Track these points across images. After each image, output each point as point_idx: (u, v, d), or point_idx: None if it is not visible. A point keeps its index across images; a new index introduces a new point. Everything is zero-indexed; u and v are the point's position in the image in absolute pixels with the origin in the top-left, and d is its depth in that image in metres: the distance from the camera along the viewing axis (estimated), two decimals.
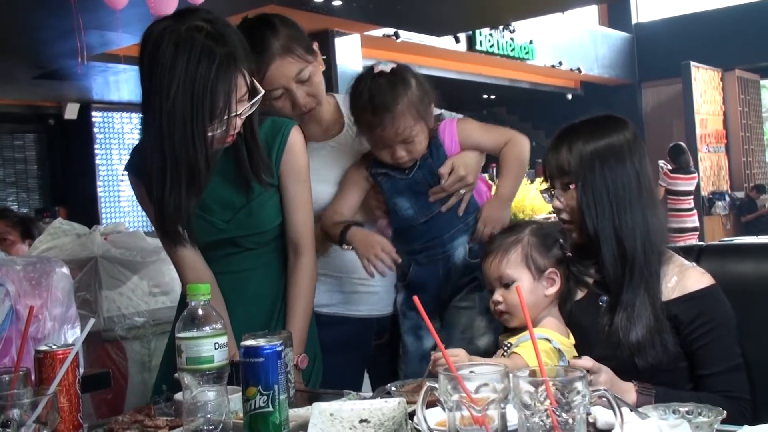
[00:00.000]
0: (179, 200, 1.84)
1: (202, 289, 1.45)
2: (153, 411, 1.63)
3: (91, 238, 3.60)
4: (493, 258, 1.89)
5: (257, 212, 2.02)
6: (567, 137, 1.88)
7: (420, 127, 2.11)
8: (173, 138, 1.77)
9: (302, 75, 2.13)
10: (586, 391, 1.15)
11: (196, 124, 1.76)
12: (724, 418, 1.33)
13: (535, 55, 12.72)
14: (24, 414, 1.28)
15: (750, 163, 14.60)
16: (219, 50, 1.76)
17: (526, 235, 1.89)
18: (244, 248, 2.06)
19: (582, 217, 1.83)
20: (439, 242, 2.19)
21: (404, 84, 2.09)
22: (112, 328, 3.51)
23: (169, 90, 1.74)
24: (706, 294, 1.78)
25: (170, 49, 1.75)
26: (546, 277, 1.87)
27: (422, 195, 2.19)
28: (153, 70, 1.77)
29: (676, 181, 8.85)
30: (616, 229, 1.80)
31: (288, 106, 2.16)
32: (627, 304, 1.77)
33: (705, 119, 13.28)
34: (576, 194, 1.84)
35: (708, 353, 1.76)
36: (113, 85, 11.07)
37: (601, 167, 1.82)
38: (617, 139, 1.85)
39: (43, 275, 2.34)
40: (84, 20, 6.48)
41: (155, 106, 1.77)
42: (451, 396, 1.19)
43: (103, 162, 12.37)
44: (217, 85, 1.75)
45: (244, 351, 1.37)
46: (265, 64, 2.08)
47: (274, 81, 2.10)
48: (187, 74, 1.74)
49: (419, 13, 8.60)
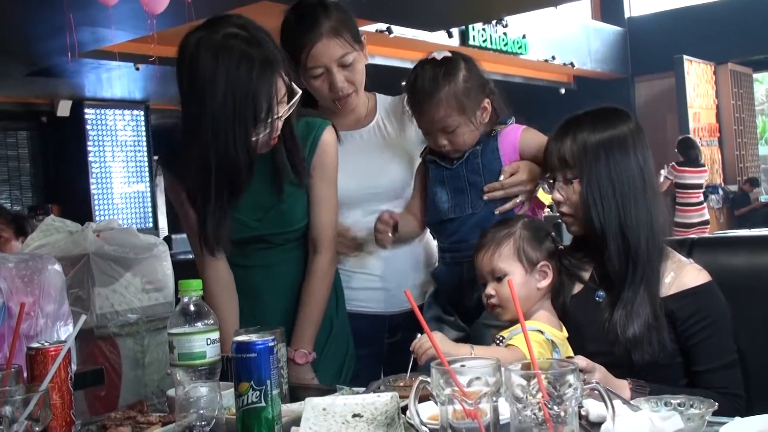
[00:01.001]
0: (222, 204, 1.89)
1: (194, 284, 1.45)
2: (146, 407, 1.63)
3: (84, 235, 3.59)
4: (485, 251, 1.89)
5: (287, 212, 2.05)
6: (571, 128, 1.86)
7: (462, 119, 2.08)
8: (218, 145, 1.81)
9: (345, 59, 2.18)
10: (578, 384, 1.15)
11: (239, 129, 1.80)
12: (716, 410, 1.33)
13: (528, 50, 12.71)
14: (16, 411, 1.27)
15: (743, 156, 14.62)
16: (257, 55, 1.79)
17: (518, 228, 1.89)
18: (275, 244, 2.10)
19: (587, 212, 1.81)
20: (466, 245, 2.12)
21: (449, 74, 2.08)
22: (105, 324, 3.50)
23: (212, 99, 1.77)
24: (703, 291, 1.78)
25: (209, 58, 1.78)
26: (538, 270, 1.87)
27: (460, 191, 2.16)
28: (194, 81, 1.81)
29: (683, 174, 8.76)
30: (622, 225, 1.79)
31: (325, 87, 2.21)
32: (627, 300, 1.77)
33: (698, 113, 13.31)
34: (581, 188, 1.82)
35: (703, 350, 1.76)
36: (106, 81, 11.04)
37: (606, 159, 1.80)
38: (621, 131, 1.83)
39: (35, 272, 2.33)
40: (76, 17, 6.46)
41: (198, 115, 1.80)
42: (444, 390, 1.19)
43: (96, 159, 12.33)
44: (259, 89, 1.79)
45: (236, 347, 1.37)
46: (312, 41, 2.13)
47: (318, 59, 2.15)
48: (228, 81, 1.77)
49: (412, 8, 8.59)
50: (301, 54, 2.14)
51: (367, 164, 2.30)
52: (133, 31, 7.82)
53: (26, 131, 12.42)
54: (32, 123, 12.31)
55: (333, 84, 2.19)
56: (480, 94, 2.11)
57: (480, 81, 2.13)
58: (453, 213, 2.16)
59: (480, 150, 2.14)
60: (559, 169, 1.86)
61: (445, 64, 2.10)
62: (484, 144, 2.15)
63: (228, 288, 2.07)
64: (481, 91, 2.12)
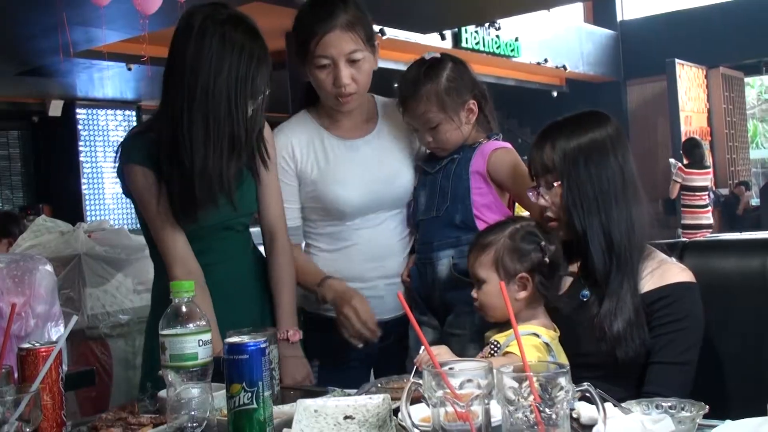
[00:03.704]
0: (220, 165, 1.97)
1: (185, 286, 1.45)
2: (137, 408, 1.63)
3: (75, 236, 3.59)
4: (471, 255, 1.91)
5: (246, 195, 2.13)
6: (550, 134, 1.89)
7: (443, 116, 2.14)
8: (218, 113, 1.94)
9: (354, 55, 2.15)
10: (570, 386, 1.16)
11: (240, 101, 1.96)
12: (706, 412, 1.34)
13: (521, 53, 12.75)
14: (6, 412, 1.27)
15: (734, 160, 14.69)
16: (257, 43, 1.98)
17: (503, 237, 1.87)
18: (236, 230, 2.17)
19: (569, 214, 1.84)
20: (429, 247, 2.19)
21: (432, 72, 2.15)
22: (96, 325, 3.50)
23: (217, 73, 1.93)
24: (681, 288, 1.80)
25: (217, 39, 1.94)
26: (516, 280, 1.85)
27: (433, 195, 2.21)
28: (199, 53, 1.94)
29: (692, 176, 8.55)
30: (603, 225, 1.81)
31: (329, 80, 2.17)
32: (611, 298, 1.79)
33: (689, 116, 13.36)
34: (561, 191, 1.85)
35: (661, 342, 1.77)
36: (98, 81, 11.03)
37: (585, 163, 1.83)
38: (599, 135, 1.86)
39: (26, 273, 2.33)
40: (68, 16, 6.45)
41: (199, 85, 1.94)
42: (436, 392, 1.19)
43: (87, 159, 12.31)
44: (258, 70, 1.97)
45: (228, 348, 1.36)
46: (325, 30, 2.12)
47: (327, 49, 2.13)
48: (232, 60, 1.94)
49: (405, 10, 8.61)
50: (311, 41, 2.13)
51: (376, 173, 2.28)
52: (125, 32, 7.82)
53: (17, 131, 12.39)
54: (23, 122, 12.28)
55: (337, 78, 2.16)
56: (465, 94, 2.16)
57: (467, 82, 2.17)
58: (423, 215, 2.23)
59: (458, 158, 2.20)
60: (542, 175, 1.90)
61: (432, 64, 2.18)
62: (463, 153, 2.20)
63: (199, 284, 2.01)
64: (468, 91, 2.17)
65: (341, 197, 2.24)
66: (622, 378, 1.76)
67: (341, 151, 2.28)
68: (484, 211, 2.17)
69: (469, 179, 2.17)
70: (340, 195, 2.24)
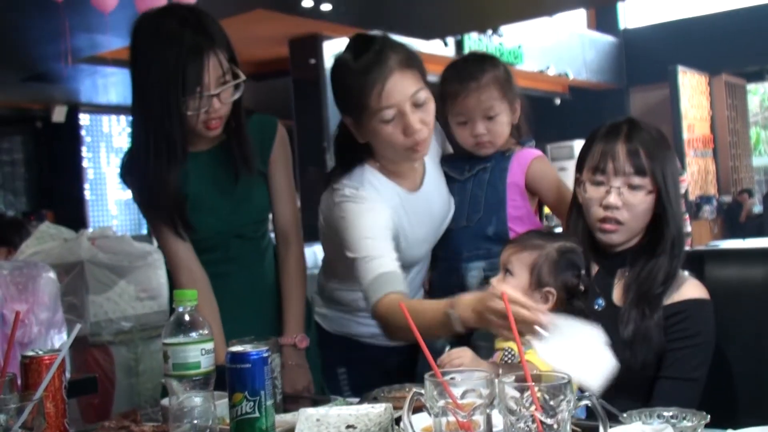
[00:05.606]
0: (159, 170, 1.91)
1: (188, 294, 1.45)
2: (139, 416, 1.63)
3: (78, 243, 3.59)
4: (513, 247, 1.85)
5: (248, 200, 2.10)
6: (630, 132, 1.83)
7: (503, 106, 2.12)
8: (152, 113, 1.89)
9: (418, 96, 1.89)
10: (571, 396, 1.16)
11: (171, 97, 1.85)
12: (708, 422, 1.34)
13: (524, 60, 12.76)
14: (10, 419, 1.27)
15: (737, 167, 14.69)
16: (190, 32, 1.86)
17: (550, 248, 1.82)
18: (247, 238, 2.13)
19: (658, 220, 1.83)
20: (458, 257, 2.12)
21: (493, 62, 2.17)
22: (99, 332, 3.50)
23: (147, 70, 1.88)
24: (699, 305, 1.79)
25: (147, 34, 1.90)
26: (542, 292, 1.83)
27: (462, 203, 2.16)
28: (135, 56, 1.92)
29: None
30: (679, 229, 1.83)
31: (398, 132, 1.90)
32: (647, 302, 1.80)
33: (692, 124, 13.36)
34: (655, 194, 1.81)
35: (673, 357, 1.76)
36: (101, 87, 11.05)
37: (672, 161, 1.84)
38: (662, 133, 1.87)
39: (29, 280, 2.33)
40: (72, 23, 6.47)
41: (137, 88, 1.92)
42: (437, 401, 1.19)
43: (90, 165, 12.34)
44: (188, 63, 1.84)
45: (231, 357, 1.37)
46: (383, 77, 1.85)
47: (390, 97, 1.86)
48: (160, 53, 1.85)
49: (408, 17, 8.62)
50: (370, 95, 1.86)
51: (441, 216, 2.15)
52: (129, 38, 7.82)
53: (21, 136, 12.43)
54: (27, 128, 12.32)
55: (408, 127, 1.88)
56: (515, 89, 2.18)
57: (515, 82, 2.20)
58: (451, 223, 2.16)
59: (491, 166, 2.15)
60: (624, 174, 1.81)
61: (486, 55, 2.22)
62: (496, 161, 2.16)
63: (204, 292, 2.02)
64: (516, 88, 2.19)
65: (416, 255, 2.13)
66: (627, 390, 1.74)
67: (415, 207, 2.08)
68: (517, 223, 2.13)
69: (506, 191, 2.14)
70: (416, 254, 2.12)
